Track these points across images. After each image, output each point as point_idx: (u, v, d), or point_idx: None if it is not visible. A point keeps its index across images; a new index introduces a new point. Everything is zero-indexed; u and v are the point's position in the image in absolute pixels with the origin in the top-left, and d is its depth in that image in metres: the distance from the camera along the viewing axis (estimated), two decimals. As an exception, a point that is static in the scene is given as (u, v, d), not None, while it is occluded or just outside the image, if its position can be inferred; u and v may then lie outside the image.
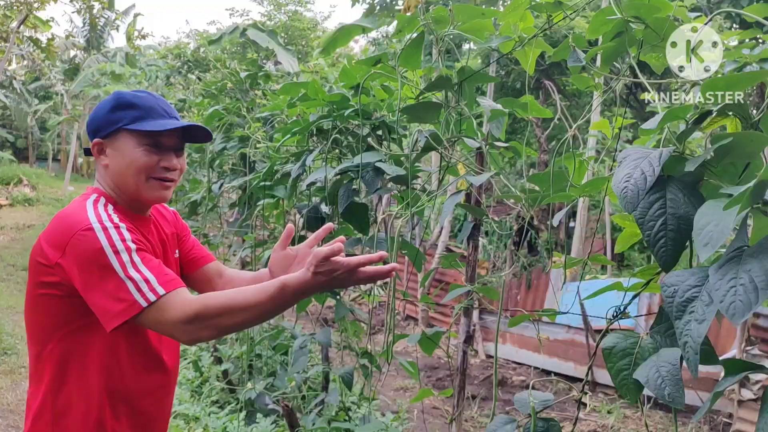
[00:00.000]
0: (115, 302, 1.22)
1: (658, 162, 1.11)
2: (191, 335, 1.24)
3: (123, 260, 1.24)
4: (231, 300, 1.23)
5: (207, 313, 1.21)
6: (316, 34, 19.86)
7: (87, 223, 1.27)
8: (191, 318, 1.21)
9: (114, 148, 1.38)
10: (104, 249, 1.24)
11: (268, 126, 3.50)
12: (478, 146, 1.93)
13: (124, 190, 1.41)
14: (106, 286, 1.23)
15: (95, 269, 1.24)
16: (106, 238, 1.25)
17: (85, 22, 24.71)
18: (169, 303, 1.22)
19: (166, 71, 18.16)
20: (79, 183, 23.80)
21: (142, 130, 1.35)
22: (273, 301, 1.22)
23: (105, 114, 1.38)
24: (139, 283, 1.23)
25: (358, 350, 2.94)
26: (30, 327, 1.39)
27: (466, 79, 2.01)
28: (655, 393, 1.11)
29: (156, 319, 1.23)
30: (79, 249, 1.25)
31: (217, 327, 1.24)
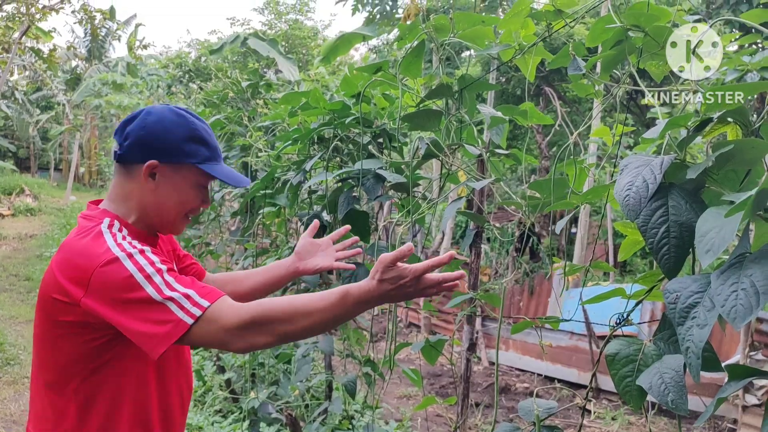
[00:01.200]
0: (158, 326, 1.14)
1: (660, 170, 1.12)
2: (247, 341, 1.17)
3: (156, 283, 1.17)
4: (291, 306, 1.17)
5: (265, 318, 1.15)
6: (316, 43, 19.93)
7: (109, 254, 1.18)
8: (248, 323, 1.15)
9: (170, 178, 1.31)
10: (134, 276, 1.16)
11: (270, 135, 3.51)
12: (479, 153, 1.94)
13: (151, 216, 1.34)
14: (144, 314, 1.15)
15: (129, 299, 1.16)
16: (133, 265, 1.17)
17: (86, 32, 24.83)
18: (217, 313, 1.16)
19: (168, 80, 18.21)
20: (81, 192, 23.85)
21: (213, 175, 1.32)
22: (333, 310, 1.16)
23: (178, 141, 1.29)
24: (180, 301, 1.16)
25: (360, 358, 2.93)
26: (45, 364, 1.29)
27: (467, 86, 2.02)
28: (658, 399, 1.11)
29: (206, 332, 1.16)
30: (107, 283, 1.16)
31: (275, 333, 1.17)
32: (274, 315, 1.16)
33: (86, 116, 24.33)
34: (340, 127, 2.60)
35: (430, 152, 1.99)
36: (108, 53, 27.06)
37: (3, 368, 4.95)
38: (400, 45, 2.20)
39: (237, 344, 1.18)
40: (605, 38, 1.43)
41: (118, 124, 1.40)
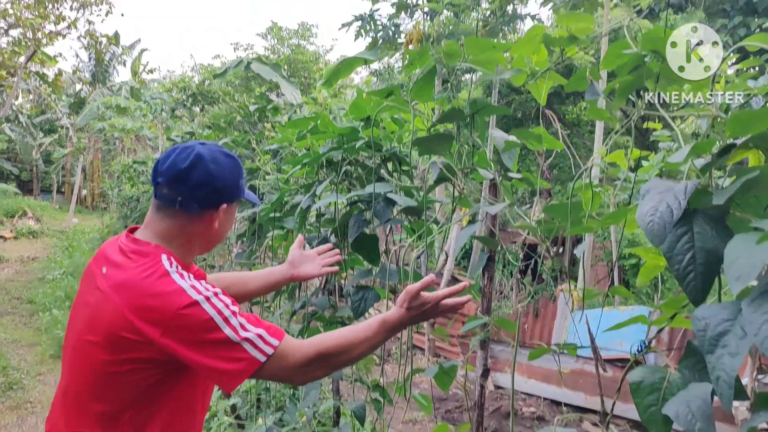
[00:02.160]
0: (234, 363, 1.24)
1: (684, 195, 1.11)
2: (308, 375, 1.32)
3: (233, 325, 1.25)
4: (345, 339, 1.32)
5: (326, 354, 1.29)
6: (318, 67, 20.12)
7: (187, 297, 1.25)
8: (312, 360, 1.28)
9: (229, 213, 1.43)
10: (214, 320, 1.24)
11: (277, 158, 3.52)
12: (491, 177, 1.93)
13: (199, 248, 1.45)
14: (222, 353, 1.24)
15: (209, 340, 1.23)
16: (212, 308, 1.25)
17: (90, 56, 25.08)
18: (285, 351, 1.27)
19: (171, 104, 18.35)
20: (83, 215, 23.88)
21: (249, 200, 1.49)
22: (377, 337, 1.35)
23: (236, 180, 1.41)
24: (254, 341, 1.25)
25: (369, 383, 2.90)
26: (101, 396, 1.32)
27: (479, 111, 2.03)
28: (685, 428, 1.09)
29: (275, 368, 1.27)
30: (188, 325, 1.23)
31: (332, 365, 1.33)
32: (333, 350, 1.30)
33: (89, 139, 24.47)
34: (349, 151, 2.60)
35: (443, 176, 1.99)
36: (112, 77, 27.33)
37: (6, 393, 4.90)
38: (409, 71, 2.21)
39: (299, 379, 1.33)
40: (620, 63, 1.44)
41: (160, 163, 1.38)
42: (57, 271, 10.51)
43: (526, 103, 10.54)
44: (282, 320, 3.34)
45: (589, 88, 1.43)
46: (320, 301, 2.79)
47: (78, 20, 9.77)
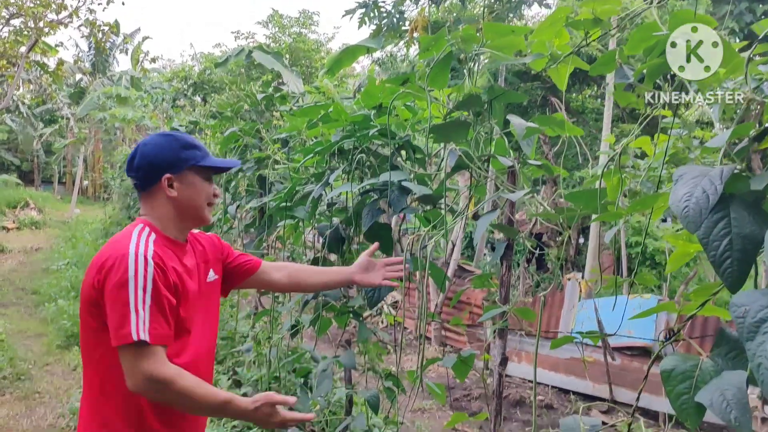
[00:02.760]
0: (121, 326, 1.41)
1: (720, 180, 1.09)
2: (143, 389, 1.42)
3: (138, 294, 1.43)
4: (192, 392, 1.43)
5: (171, 388, 1.41)
6: (320, 56, 20.01)
7: (125, 250, 1.47)
8: (159, 380, 1.40)
9: (183, 182, 1.62)
10: (129, 279, 1.43)
11: (286, 147, 3.49)
12: (510, 165, 1.91)
13: (186, 216, 1.65)
14: (118, 310, 1.42)
15: (118, 292, 1.43)
16: (134, 269, 1.44)
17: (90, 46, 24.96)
18: (150, 352, 1.41)
19: (172, 94, 18.26)
20: (85, 205, 23.86)
21: (211, 166, 1.66)
22: (215, 410, 1.49)
23: (174, 153, 1.61)
24: (139, 321, 1.41)
25: (381, 372, 2.89)
26: (82, 340, 1.59)
27: (496, 97, 2.00)
28: (720, 417, 1.08)
29: (134, 357, 1.40)
30: (114, 271, 1.45)
31: (168, 400, 1.45)
32: (175, 392, 1.41)
33: (90, 130, 24.39)
34: (361, 140, 2.57)
35: (462, 163, 1.96)
36: (112, 67, 27.20)
37: (14, 384, 4.90)
38: (424, 57, 2.18)
39: (133, 385, 1.42)
40: (646, 46, 1.41)
41: (130, 151, 1.70)
42: (61, 261, 10.51)
43: (532, 91, 10.47)
44: (293, 310, 3.33)
45: (617, 71, 1.40)
46: (333, 293, 2.77)
47: (79, 9, 9.72)
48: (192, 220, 1.67)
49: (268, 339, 3.60)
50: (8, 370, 5.06)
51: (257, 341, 3.98)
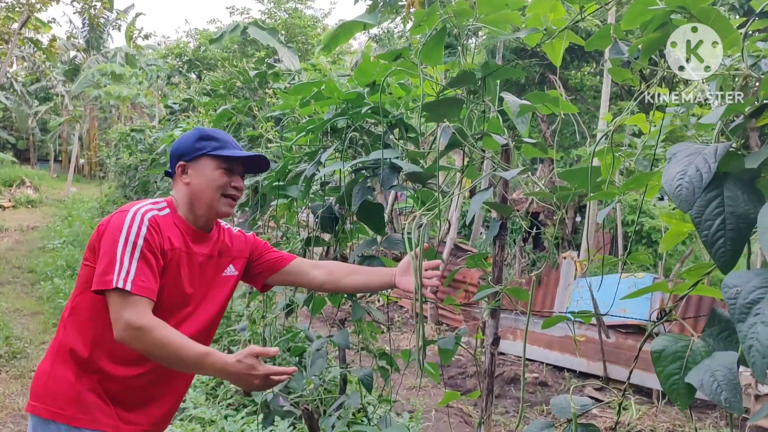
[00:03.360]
0: (105, 273, 1.52)
1: (714, 158, 1.06)
2: (125, 337, 1.49)
3: (126, 249, 1.54)
4: (169, 340, 1.49)
5: (150, 335, 1.48)
6: (316, 32, 19.78)
7: (127, 210, 1.62)
8: (138, 327, 1.48)
9: (196, 170, 1.72)
10: (122, 233, 1.55)
11: (279, 125, 3.45)
12: (504, 143, 1.88)
13: (198, 204, 1.73)
14: (106, 258, 1.53)
15: (110, 243, 1.55)
16: (128, 225, 1.57)
17: (84, 22, 24.64)
18: (130, 301, 1.50)
19: (167, 71, 18.08)
20: (81, 184, 23.77)
21: (222, 155, 1.72)
22: (192, 362, 1.50)
23: (191, 143, 1.73)
24: (122, 270, 1.51)
25: (375, 352, 2.89)
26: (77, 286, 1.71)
27: (491, 74, 1.96)
28: (710, 398, 1.07)
29: (119, 305, 1.50)
30: (112, 225, 1.59)
31: (147, 349, 1.50)
32: (154, 340, 1.48)
33: (85, 107, 24.20)
34: (354, 118, 2.54)
35: (455, 141, 1.93)
36: (106, 44, 26.90)
37: (10, 362, 4.91)
38: (416, 32, 2.14)
39: (118, 333, 1.50)
40: (643, 20, 1.37)
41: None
42: (57, 240, 10.49)
43: (530, 68, 10.38)
44: (287, 289, 3.32)
45: (612, 46, 1.37)
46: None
47: (71, -16, 9.56)
48: (205, 208, 1.73)
49: (263, 318, 3.60)
50: (4, 348, 5.06)
51: (252, 320, 3.98)
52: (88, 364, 1.63)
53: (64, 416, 1.61)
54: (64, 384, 1.63)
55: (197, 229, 1.74)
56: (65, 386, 1.62)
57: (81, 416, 1.61)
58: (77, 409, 1.61)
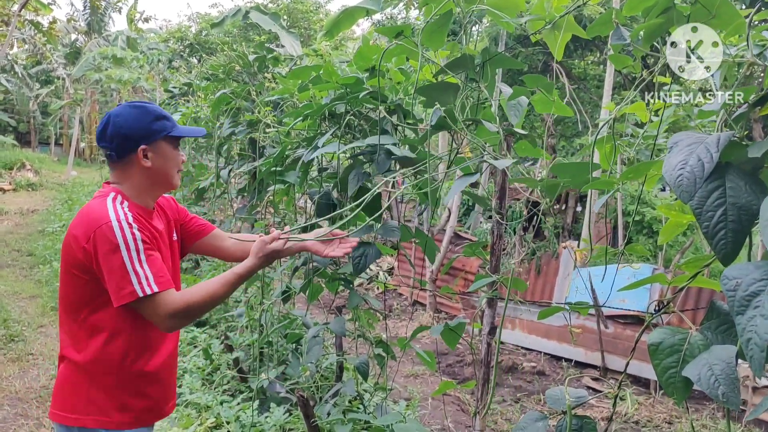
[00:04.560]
0: (121, 288, 1.55)
1: (716, 147, 1.04)
2: (175, 325, 1.60)
3: (132, 257, 1.56)
4: (208, 293, 1.62)
5: (190, 308, 1.59)
6: (318, 17, 19.63)
7: (109, 220, 1.58)
8: (180, 311, 1.58)
9: (157, 152, 1.72)
10: (119, 245, 1.56)
11: (278, 110, 3.41)
12: (495, 130, 1.84)
13: (157, 184, 1.75)
14: (117, 273, 1.55)
15: (111, 259, 1.55)
16: (122, 236, 1.56)
17: (86, 5, 24.47)
18: (160, 300, 1.57)
19: (168, 55, 17.97)
20: (81, 168, 23.72)
21: (180, 135, 1.76)
22: (233, 287, 1.67)
23: (147, 125, 1.70)
24: (141, 277, 1.55)
25: (372, 339, 2.88)
26: (64, 299, 1.70)
27: (490, 60, 1.93)
28: (707, 392, 1.05)
29: (150, 310, 1.58)
30: (101, 240, 1.56)
31: (195, 316, 1.64)
32: (198, 302, 1.61)
33: (86, 91, 24.09)
34: (352, 103, 2.51)
35: (443, 123, 1.89)
36: (108, 27, 26.73)
37: (7, 345, 4.91)
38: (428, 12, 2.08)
39: (164, 326, 1.60)
40: (646, 5, 1.34)
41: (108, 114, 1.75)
42: (57, 223, 10.48)
43: (533, 56, 10.29)
44: (284, 276, 3.31)
45: (614, 32, 1.33)
46: (323, 260, 2.73)
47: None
48: (163, 187, 1.79)
49: (260, 304, 3.59)
50: (2, 331, 5.06)
51: (250, 306, 3.97)
52: (124, 371, 1.69)
53: (112, 423, 1.68)
54: (105, 395, 1.68)
55: (150, 209, 1.78)
56: (107, 396, 1.68)
57: (126, 420, 1.70)
58: (122, 415, 1.69)
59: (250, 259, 1.69)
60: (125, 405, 1.69)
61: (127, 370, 1.69)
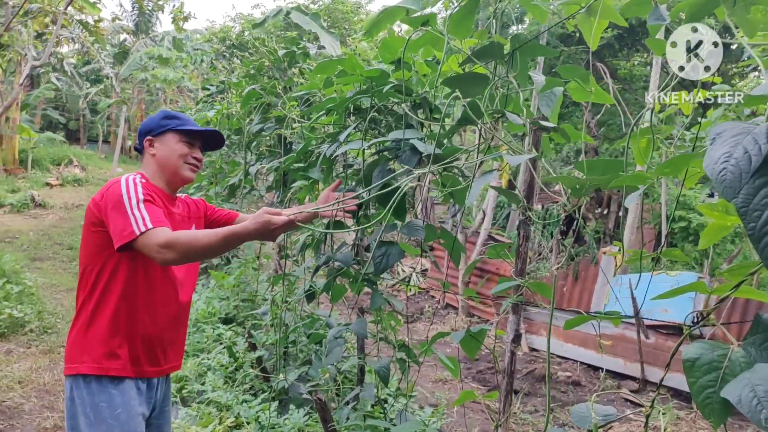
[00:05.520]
0: (123, 229, 1.78)
1: (766, 138, 0.90)
2: (164, 256, 1.75)
3: (132, 203, 1.82)
4: (194, 235, 1.77)
5: (175, 241, 1.74)
6: (358, 17, 19.62)
7: (119, 183, 1.88)
8: (164, 243, 1.74)
9: (161, 143, 2.05)
10: (123, 195, 1.83)
11: (305, 106, 3.34)
12: (522, 123, 1.72)
13: (165, 171, 2.04)
14: (118, 218, 1.80)
15: (114, 206, 1.81)
16: (126, 190, 1.85)
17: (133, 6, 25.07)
18: (153, 233, 1.76)
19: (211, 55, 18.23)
20: (127, 164, 24.29)
21: (183, 129, 2.05)
22: (222, 242, 1.78)
23: (156, 121, 2.07)
24: (138, 219, 1.78)
25: (395, 342, 2.78)
26: (81, 255, 1.98)
27: (520, 48, 1.80)
28: (749, 416, 0.92)
29: (144, 244, 1.76)
30: (111, 196, 1.84)
31: (181, 252, 1.76)
32: (187, 240, 1.76)
33: (133, 90, 24.68)
34: (377, 97, 2.41)
35: (467, 117, 1.77)
36: (155, 27, 27.35)
37: (40, 336, 4.98)
38: (447, 1, 1.97)
39: (157, 256, 1.76)
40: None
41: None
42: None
43: (576, 56, 10.01)
44: (306, 274, 3.23)
45: (652, 11, 1.20)
46: (344, 256, 2.64)
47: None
48: (172, 175, 2.06)
49: (285, 303, 3.53)
50: (35, 323, 5.14)
51: (275, 304, 3.91)
52: (120, 324, 1.91)
53: (102, 368, 1.88)
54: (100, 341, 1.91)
55: (168, 193, 2.07)
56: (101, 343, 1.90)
57: (114, 366, 1.90)
58: (111, 362, 1.90)
59: (248, 221, 1.82)
60: (114, 353, 1.89)
61: (124, 324, 1.91)
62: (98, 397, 1.86)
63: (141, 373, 1.96)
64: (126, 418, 1.87)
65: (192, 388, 3.54)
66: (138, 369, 1.94)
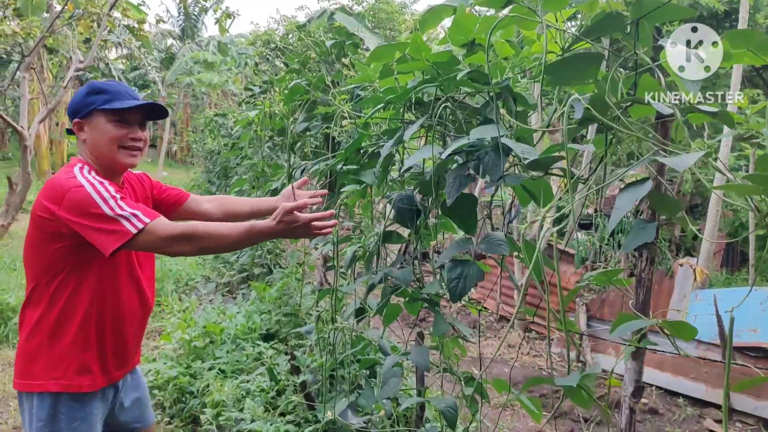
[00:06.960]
0: (111, 234, 1.59)
1: None
2: (176, 248, 1.62)
3: (110, 205, 1.62)
4: (212, 229, 1.65)
5: (192, 234, 1.62)
6: (403, 18, 19.26)
7: (78, 182, 1.65)
8: (178, 236, 1.61)
9: (90, 126, 1.77)
10: (94, 198, 1.61)
11: (356, 101, 2.96)
12: (669, 112, 1.28)
13: (100, 159, 1.78)
14: (101, 225, 1.60)
15: (90, 214, 1.60)
16: (94, 191, 1.62)
17: (180, 11, 25.36)
18: (155, 227, 1.61)
19: (255, 58, 18.19)
20: (172, 168, 24.50)
21: (111, 108, 1.74)
22: (242, 236, 1.66)
23: (81, 99, 1.76)
24: (128, 218, 1.61)
25: (460, 376, 2.37)
26: (29, 265, 1.78)
27: (647, 15, 1.38)
28: None
29: (146, 241, 1.60)
30: (74, 201, 1.61)
31: (198, 246, 1.63)
32: (199, 232, 1.63)
33: (179, 94, 24.95)
34: (446, 86, 2.00)
35: (590, 116, 1.34)
36: (201, 32, 27.65)
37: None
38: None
39: (168, 249, 1.63)
40: None
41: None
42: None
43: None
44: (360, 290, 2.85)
45: None
46: (403, 273, 2.23)
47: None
48: (109, 163, 1.79)
49: (332, 321, 3.15)
50: None
51: (321, 320, 3.54)
52: (92, 325, 1.79)
53: (73, 386, 1.75)
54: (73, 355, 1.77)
55: (115, 183, 1.82)
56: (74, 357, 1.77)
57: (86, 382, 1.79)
58: (82, 378, 1.78)
59: (270, 220, 1.69)
60: (87, 367, 1.77)
61: (94, 334, 1.78)
62: (58, 409, 1.75)
63: (110, 380, 1.88)
64: (84, 429, 1.78)
65: (230, 415, 3.20)
66: (107, 377, 1.86)
